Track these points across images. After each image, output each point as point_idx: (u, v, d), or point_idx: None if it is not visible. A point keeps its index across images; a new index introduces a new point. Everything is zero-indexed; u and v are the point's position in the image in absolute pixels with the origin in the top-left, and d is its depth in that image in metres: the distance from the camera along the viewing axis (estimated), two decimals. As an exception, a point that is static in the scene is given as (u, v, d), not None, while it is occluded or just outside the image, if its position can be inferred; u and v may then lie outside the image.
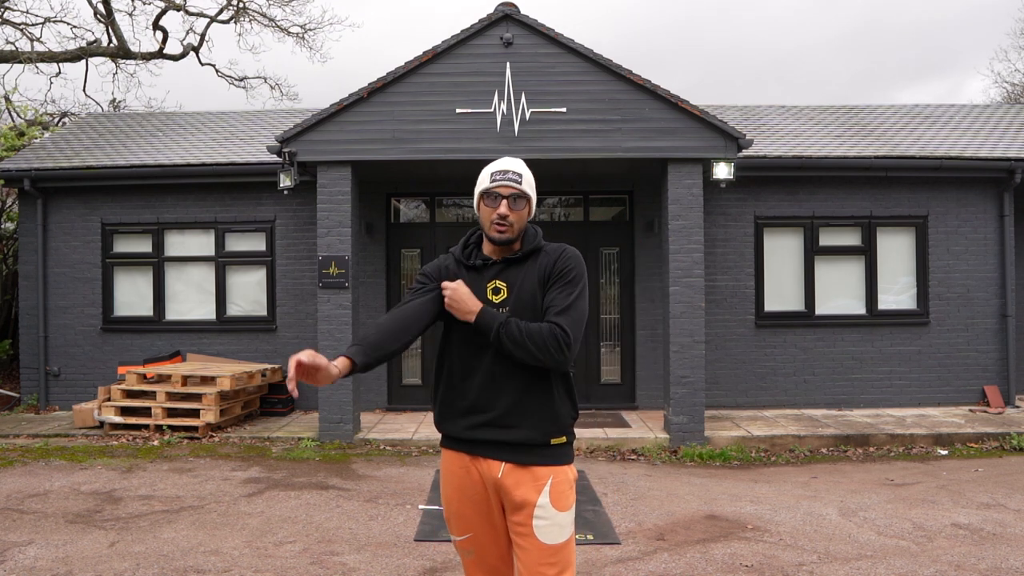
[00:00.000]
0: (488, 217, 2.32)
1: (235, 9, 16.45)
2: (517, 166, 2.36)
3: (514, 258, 2.34)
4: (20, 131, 12.92)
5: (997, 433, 7.60)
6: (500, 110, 7.61)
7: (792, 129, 10.51)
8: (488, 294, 2.32)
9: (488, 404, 2.26)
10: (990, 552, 4.42)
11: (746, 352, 9.19)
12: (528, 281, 2.30)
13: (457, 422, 2.31)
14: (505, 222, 2.29)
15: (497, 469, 2.26)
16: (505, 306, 2.29)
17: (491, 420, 2.26)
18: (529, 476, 2.24)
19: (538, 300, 2.28)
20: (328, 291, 7.76)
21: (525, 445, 2.24)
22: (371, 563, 4.27)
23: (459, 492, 2.32)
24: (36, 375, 9.48)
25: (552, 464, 2.26)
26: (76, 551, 4.44)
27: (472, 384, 2.28)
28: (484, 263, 2.36)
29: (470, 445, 2.30)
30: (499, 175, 2.32)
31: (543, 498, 2.22)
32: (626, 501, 5.56)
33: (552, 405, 2.27)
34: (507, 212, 2.29)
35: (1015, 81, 22.02)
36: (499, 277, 2.34)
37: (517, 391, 2.25)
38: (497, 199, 2.30)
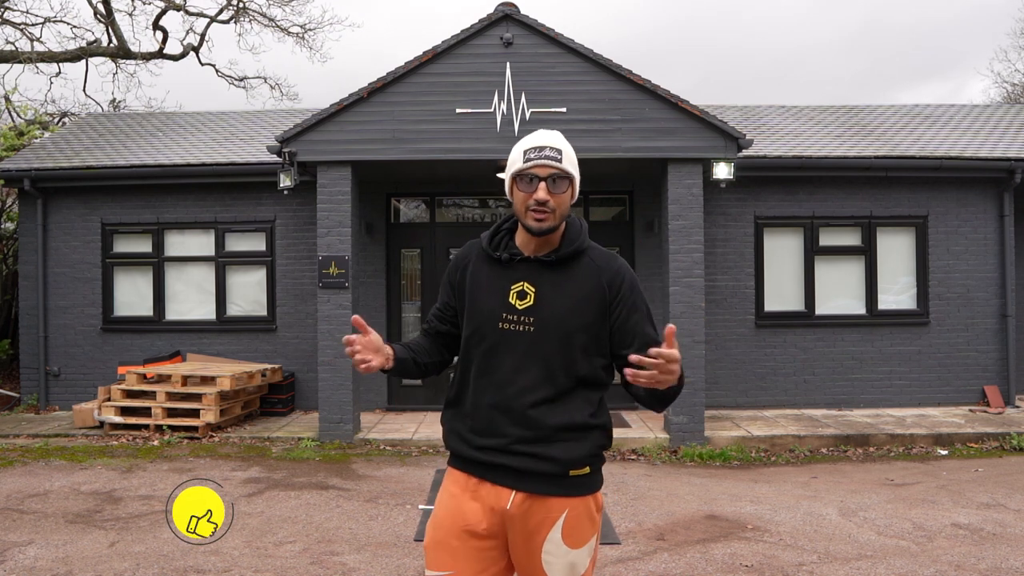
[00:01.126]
0: (523, 203, 1.95)
1: (235, 9, 16.45)
2: (555, 140, 1.97)
3: (548, 259, 1.99)
4: (20, 131, 12.92)
5: (997, 433, 7.60)
6: (500, 110, 7.62)
7: (792, 129, 10.51)
8: (511, 297, 1.98)
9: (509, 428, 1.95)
10: (990, 552, 4.42)
11: (746, 352, 9.19)
12: (568, 294, 1.96)
13: (467, 441, 2.01)
14: (545, 208, 1.93)
15: (506, 498, 1.95)
16: (529, 315, 1.96)
17: (505, 446, 1.95)
18: (542, 508, 1.94)
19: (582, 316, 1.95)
20: (328, 291, 7.76)
21: (540, 474, 1.94)
22: (371, 563, 4.27)
23: (452, 518, 1.99)
24: (36, 375, 9.48)
25: (568, 496, 1.95)
26: (76, 551, 4.44)
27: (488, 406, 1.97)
28: (512, 258, 2.01)
29: (479, 468, 1.99)
30: (534, 152, 1.94)
31: (554, 533, 1.93)
32: (626, 501, 5.56)
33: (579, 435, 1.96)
34: (547, 196, 1.92)
35: (1015, 81, 22.04)
36: (528, 279, 1.99)
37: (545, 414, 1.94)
38: (534, 181, 1.93)
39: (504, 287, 1.99)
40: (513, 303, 1.97)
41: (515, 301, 1.97)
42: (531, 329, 1.95)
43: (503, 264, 2.02)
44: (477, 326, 2.01)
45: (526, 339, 1.95)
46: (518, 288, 1.98)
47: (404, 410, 9.19)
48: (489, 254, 2.05)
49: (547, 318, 1.95)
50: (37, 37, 15.35)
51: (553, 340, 1.95)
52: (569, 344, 1.95)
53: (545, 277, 1.99)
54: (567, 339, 1.95)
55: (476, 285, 2.04)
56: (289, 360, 9.33)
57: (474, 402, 1.99)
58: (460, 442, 2.03)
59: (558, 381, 1.95)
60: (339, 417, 7.71)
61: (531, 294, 1.97)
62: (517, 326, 1.96)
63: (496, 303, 1.99)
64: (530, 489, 1.94)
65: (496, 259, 2.03)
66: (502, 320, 1.98)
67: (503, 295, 1.99)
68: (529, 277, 1.99)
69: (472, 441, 1.99)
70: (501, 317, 1.98)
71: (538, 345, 1.95)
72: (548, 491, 1.94)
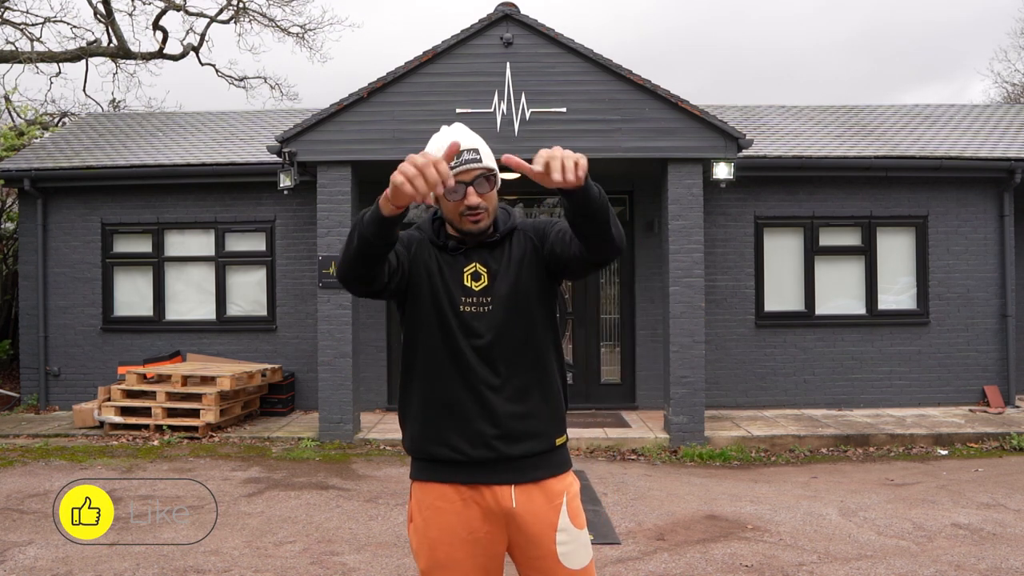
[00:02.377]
0: (455, 211, 1.94)
1: (235, 9, 16.44)
2: (468, 139, 1.95)
3: (493, 241, 2.02)
4: (20, 131, 12.92)
5: (997, 433, 7.60)
6: (500, 110, 7.62)
7: (792, 129, 10.51)
8: (466, 279, 1.99)
9: (490, 414, 1.93)
10: (990, 552, 4.42)
11: (746, 352, 9.18)
12: (513, 271, 2.00)
13: (449, 443, 1.94)
14: (478, 210, 1.92)
15: (508, 496, 1.93)
16: (487, 295, 1.97)
17: (497, 434, 1.92)
18: (543, 497, 1.95)
19: (529, 281, 1.99)
20: (328, 291, 7.76)
21: (535, 456, 1.96)
22: (371, 563, 4.27)
23: (450, 534, 1.92)
24: (36, 375, 9.48)
25: (560, 473, 2.00)
26: (76, 551, 4.44)
27: (465, 391, 1.94)
28: (459, 245, 2.01)
29: (469, 472, 1.93)
30: (454, 160, 1.90)
31: (563, 520, 1.95)
32: (626, 501, 5.56)
33: (555, 397, 2.01)
34: (478, 200, 1.91)
35: (1015, 81, 22.04)
36: (478, 260, 2.00)
37: (523, 388, 1.96)
38: (460, 189, 1.90)
39: (457, 271, 2.00)
40: (469, 285, 1.99)
41: (471, 283, 1.99)
42: (490, 308, 1.97)
43: (451, 251, 2.02)
44: (432, 312, 1.98)
45: (487, 317, 1.97)
46: (471, 270, 2.00)
47: (404, 410, 9.17)
48: (435, 241, 2.04)
49: (503, 293, 1.98)
50: (37, 37, 15.35)
51: (512, 312, 1.98)
52: (529, 311, 2.00)
53: (492, 257, 2.01)
54: (525, 306, 1.99)
55: (428, 270, 2.01)
56: (289, 360, 9.33)
57: (447, 403, 1.95)
58: (444, 450, 1.95)
59: (527, 353, 1.98)
60: (339, 417, 7.71)
61: (484, 274, 2.00)
62: (476, 307, 1.98)
63: (452, 288, 1.99)
64: (528, 478, 1.95)
65: (443, 246, 2.02)
66: (461, 303, 1.98)
67: (457, 279, 1.99)
68: (479, 259, 2.01)
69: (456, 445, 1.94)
70: (460, 301, 1.98)
71: (499, 321, 1.96)
72: (545, 475, 1.97)
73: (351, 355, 7.76)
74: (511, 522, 1.93)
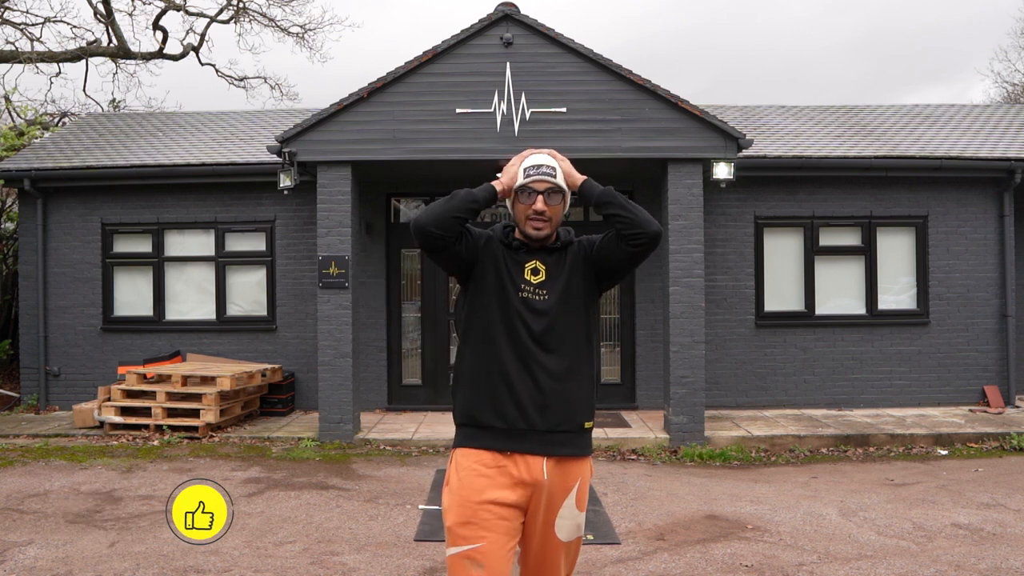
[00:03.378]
0: (524, 214, 2.31)
1: (235, 9, 16.44)
2: (550, 160, 2.34)
3: (553, 246, 2.37)
4: (20, 131, 12.91)
5: (997, 433, 7.60)
6: (500, 110, 7.61)
7: (792, 129, 10.51)
8: (526, 273, 2.32)
9: (535, 386, 2.23)
10: (990, 552, 4.42)
11: (746, 352, 9.18)
12: (567, 272, 2.33)
13: (497, 409, 2.23)
14: (542, 217, 2.29)
15: (539, 467, 2.22)
16: (543, 289, 2.30)
17: (540, 404, 2.22)
18: (563, 474, 2.24)
19: (579, 289, 2.32)
20: (328, 291, 7.76)
21: (566, 432, 2.24)
22: (371, 563, 4.27)
23: (480, 492, 2.18)
24: (36, 375, 9.48)
25: (584, 455, 2.30)
26: (76, 551, 4.44)
27: (516, 363, 2.24)
28: (523, 245, 2.36)
29: (508, 439, 2.22)
30: (533, 170, 2.30)
31: (570, 499, 2.26)
32: (626, 501, 5.56)
33: (588, 383, 2.31)
34: (544, 208, 2.28)
35: (1015, 81, 22.03)
36: (538, 259, 2.34)
37: (565, 370, 2.26)
38: (532, 195, 2.29)
39: (519, 265, 2.33)
40: (528, 278, 2.32)
41: (530, 276, 2.32)
42: (546, 297, 2.30)
43: (516, 249, 2.36)
44: (493, 299, 2.29)
45: (542, 307, 2.29)
46: (532, 265, 2.34)
47: (404, 410, 9.19)
48: (503, 242, 2.37)
49: (557, 288, 2.31)
50: (37, 37, 15.36)
51: (563, 305, 2.30)
52: (576, 306, 2.32)
53: (551, 260, 2.36)
54: (574, 302, 2.31)
55: (495, 260, 2.33)
56: (289, 360, 9.33)
57: (499, 372, 2.24)
58: (489, 414, 2.23)
59: (571, 341, 2.29)
60: (339, 417, 7.71)
61: (543, 270, 2.33)
62: (534, 295, 2.30)
63: (513, 278, 2.32)
64: (560, 453, 2.23)
65: (508, 244, 2.36)
66: (520, 290, 2.30)
67: (519, 271, 2.32)
68: (539, 258, 2.35)
69: (502, 411, 2.22)
70: (520, 288, 2.31)
71: (551, 310, 2.28)
72: (572, 452, 2.26)
73: (351, 355, 7.76)
74: (536, 491, 2.21)
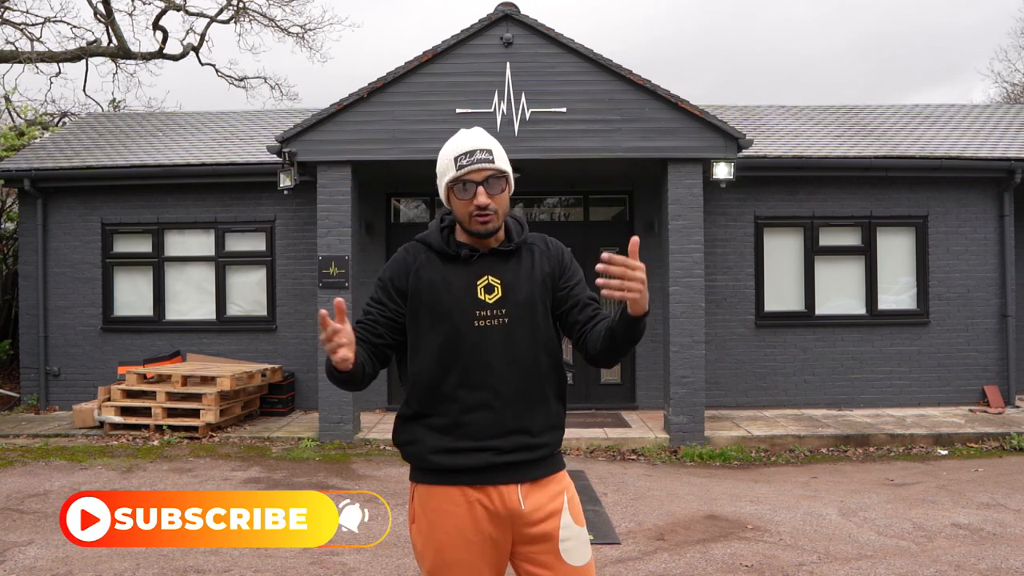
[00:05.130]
0: (465, 211, 1.94)
1: (235, 9, 16.45)
2: (483, 140, 1.97)
3: (505, 250, 1.99)
4: (20, 131, 12.93)
5: (997, 433, 7.60)
6: (500, 110, 7.61)
7: (792, 129, 10.51)
8: (480, 292, 1.94)
9: (496, 420, 1.91)
10: (990, 552, 4.42)
11: (746, 352, 9.18)
12: (528, 278, 1.97)
13: (456, 447, 1.92)
14: (487, 211, 1.92)
15: (515, 496, 1.91)
16: (501, 307, 1.94)
17: (509, 440, 1.91)
18: (546, 495, 1.95)
19: (537, 303, 1.96)
20: (328, 291, 7.76)
21: (537, 459, 1.96)
22: (371, 563, 4.27)
23: (460, 535, 1.90)
24: (36, 375, 9.48)
25: (558, 469, 2.01)
26: (76, 551, 4.44)
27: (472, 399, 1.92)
28: (472, 254, 1.97)
29: (475, 474, 1.91)
30: (465, 158, 1.94)
31: (565, 517, 1.94)
32: (626, 501, 5.56)
33: (555, 404, 2.01)
34: (487, 201, 1.92)
35: (1015, 81, 22.03)
36: (491, 272, 1.96)
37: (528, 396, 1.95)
38: (470, 187, 1.92)
39: (470, 283, 1.95)
40: (482, 298, 1.94)
41: (484, 296, 1.94)
42: (505, 320, 1.94)
43: (461, 261, 1.97)
44: (450, 329, 1.93)
45: (503, 332, 1.93)
46: (484, 282, 1.95)
47: (404, 410, 9.17)
48: (446, 252, 1.99)
49: (518, 307, 1.95)
50: (37, 37, 15.37)
51: (527, 326, 1.95)
52: (541, 327, 1.98)
53: (505, 268, 1.98)
54: (538, 322, 1.97)
55: (435, 287, 1.96)
56: (289, 360, 9.33)
57: (460, 408, 1.92)
58: (447, 455, 1.92)
59: (539, 368, 1.96)
60: (339, 417, 7.71)
61: (498, 286, 1.95)
62: (491, 320, 1.94)
63: (465, 301, 1.94)
64: (532, 477, 1.94)
65: (455, 256, 1.98)
66: (475, 317, 1.93)
67: (470, 292, 1.94)
68: (491, 270, 1.97)
69: (466, 449, 1.91)
70: (474, 315, 1.93)
71: (514, 335, 1.94)
72: (543, 473, 1.96)
73: (351, 355, 7.74)
74: (517, 520, 1.92)
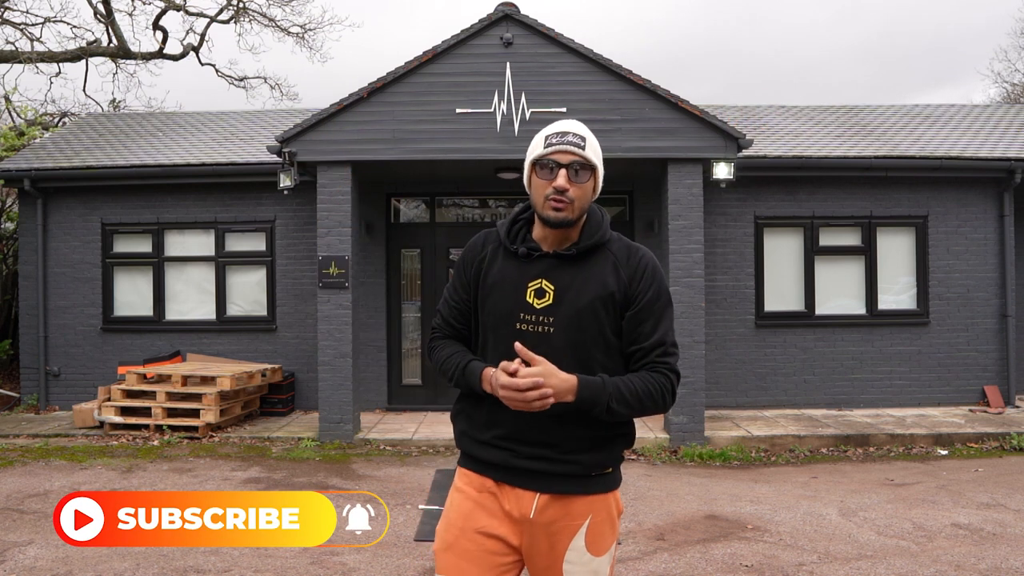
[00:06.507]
0: (542, 192, 1.84)
1: (235, 9, 16.44)
2: (579, 127, 1.89)
3: (568, 253, 1.87)
4: (20, 131, 12.92)
5: (997, 433, 7.60)
6: (500, 110, 7.61)
7: (792, 129, 10.50)
8: (529, 295, 1.85)
9: (531, 430, 1.83)
10: (990, 552, 4.42)
11: (746, 352, 9.18)
12: (586, 290, 1.84)
13: (488, 443, 1.89)
14: (564, 197, 1.81)
15: (530, 503, 1.85)
16: (548, 315, 1.83)
17: (531, 449, 1.85)
18: (565, 512, 1.85)
19: (598, 316, 1.83)
20: (328, 291, 7.76)
21: (563, 475, 1.86)
22: (371, 563, 4.27)
23: (466, 519, 1.88)
24: (36, 375, 9.48)
25: (595, 492, 1.88)
26: (76, 551, 4.44)
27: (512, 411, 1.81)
28: (530, 253, 1.88)
29: (497, 470, 1.88)
30: (556, 137, 1.86)
31: (577, 540, 1.85)
32: (626, 501, 5.55)
33: (608, 437, 1.88)
34: (566, 185, 1.81)
35: (1015, 81, 22.03)
36: (547, 276, 1.86)
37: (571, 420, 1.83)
38: (554, 169, 1.83)
39: (521, 284, 1.86)
40: (531, 302, 1.85)
41: (533, 300, 1.85)
42: (550, 330, 1.83)
43: (520, 259, 1.89)
44: (493, 326, 1.89)
45: (545, 341, 1.82)
46: (536, 286, 1.85)
47: (404, 410, 9.18)
48: (507, 247, 1.91)
49: (566, 318, 1.83)
50: (37, 37, 15.35)
51: (571, 341, 1.83)
52: (591, 345, 1.84)
53: (564, 274, 1.86)
54: (588, 340, 1.84)
55: (492, 281, 1.90)
56: (289, 360, 9.33)
57: (492, 404, 1.85)
58: (476, 445, 1.91)
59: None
60: (339, 417, 7.71)
61: (550, 292, 1.84)
62: (535, 327, 1.84)
63: (513, 302, 1.86)
64: (553, 490, 1.85)
65: (513, 253, 1.90)
66: (519, 320, 1.85)
67: (520, 293, 1.86)
68: (547, 274, 1.86)
69: (491, 444, 1.88)
70: (518, 317, 1.85)
71: (558, 347, 1.82)
72: (571, 490, 1.85)
73: (351, 355, 7.76)
74: (526, 528, 1.87)
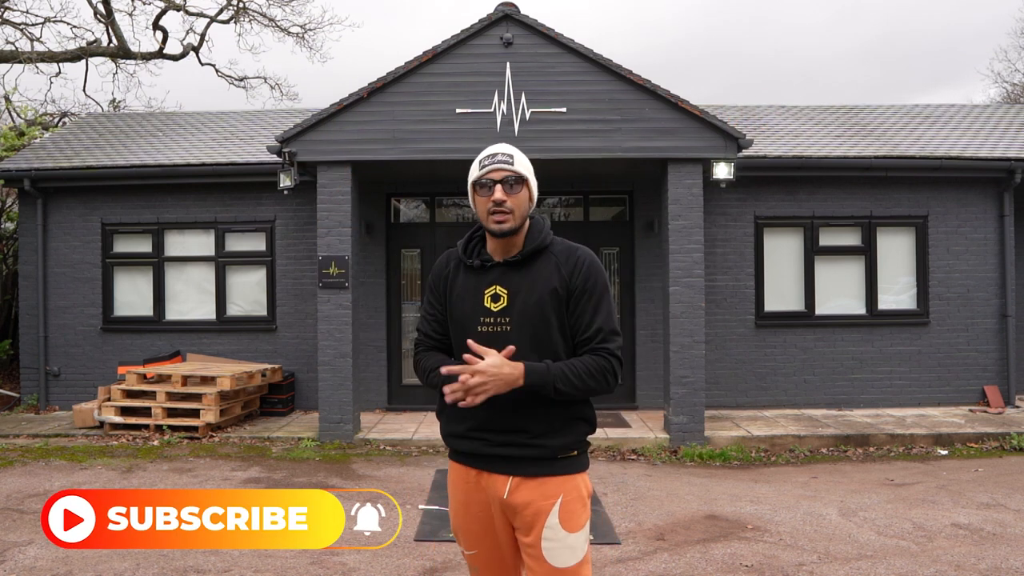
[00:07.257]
0: (484, 208, 2.12)
1: (235, 9, 16.44)
2: (507, 148, 2.17)
3: (515, 260, 2.14)
4: (20, 131, 12.92)
5: (997, 433, 7.60)
6: (500, 110, 7.61)
7: (792, 129, 10.50)
8: (486, 301, 2.13)
9: (499, 419, 2.09)
10: (990, 552, 4.42)
11: (746, 352, 9.18)
12: (535, 290, 2.11)
13: (464, 436, 2.17)
14: (503, 208, 2.09)
15: (503, 486, 2.11)
16: (504, 316, 2.11)
17: (501, 436, 2.10)
18: (538, 493, 2.09)
19: (547, 312, 2.09)
20: (328, 291, 7.76)
21: (534, 459, 2.10)
22: (371, 563, 4.27)
23: (464, 507, 2.20)
24: (36, 375, 9.48)
25: (564, 473, 2.11)
26: (76, 551, 4.44)
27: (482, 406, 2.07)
28: (484, 264, 2.17)
29: (475, 459, 2.16)
30: (488, 160, 2.13)
31: (551, 518, 2.08)
32: (626, 501, 5.56)
33: (568, 419, 2.12)
34: (503, 197, 2.08)
35: (1015, 81, 22.02)
36: (499, 282, 2.14)
37: (532, 406, 2.08)
38: (491, 187, 2.10)
39: (479, 292, 2.14)
40: (488, 306, 2.13)
41: (490, 304, 2.13)
42: (508, 329, 2.10)
43: (476, 270, 2.17)
44: (459, 331, 2.16)
45: (504, 339, 2.07)
46: (491, 292, 2.13)
47: (404, 410, 9.18)
48: (465, 262, 2.20)
49: (520, 317, 2.10)
50: (37, 37, 15.35)
51: (528, 338, 2.08)
52: (544, 340, 2.10)
53: (515, 278, 2.13)
54: (541, 335, 2.09)
55: (456, 293, 2.19)
56: (289, 360, 9.33)
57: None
58: (455, 439, 2.21)
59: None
60: (339, 417, 7.71)
61: (504, 296, 2.12)
62: (494, 327, 2.11)
63: (473, 308, 2.14)
64: (524, 472, 2.10)
65: (469, 266, 2.18)
66: (479, 324, 2.12)
67: (479, 300, 2.14)
68: (500, 280, 2.14)
69: (466, 436, 2.16)
70: (479, 321, 2.13)
71: (516, 343, 2.06)
72: (540, 472, 2.10)
73: (351, 355, 7.76)
74: (507, 508, 2.12)
